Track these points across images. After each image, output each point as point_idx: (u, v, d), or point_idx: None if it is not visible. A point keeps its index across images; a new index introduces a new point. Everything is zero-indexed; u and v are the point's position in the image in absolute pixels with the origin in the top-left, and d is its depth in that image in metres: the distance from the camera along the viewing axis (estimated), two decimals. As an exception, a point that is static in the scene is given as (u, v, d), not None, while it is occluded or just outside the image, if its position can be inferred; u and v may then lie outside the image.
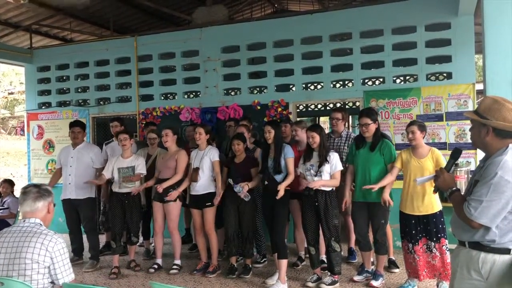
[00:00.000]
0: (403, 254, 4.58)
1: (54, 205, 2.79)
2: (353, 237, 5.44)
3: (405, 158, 4.48)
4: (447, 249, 4.28)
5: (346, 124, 10.69)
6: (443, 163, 4.25)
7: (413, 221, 4.40)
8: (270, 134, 4.80)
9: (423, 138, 4.43)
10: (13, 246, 2.46)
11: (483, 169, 2.27)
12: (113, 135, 6.27)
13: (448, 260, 4.25)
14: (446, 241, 4.30)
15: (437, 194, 4.27)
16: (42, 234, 2.51)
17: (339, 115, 5.37)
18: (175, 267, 5.40)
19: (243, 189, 4.85)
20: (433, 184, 2.55)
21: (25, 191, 2.66)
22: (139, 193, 5.51)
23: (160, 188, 5.18)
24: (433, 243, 4.32)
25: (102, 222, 6.28)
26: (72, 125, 5.79)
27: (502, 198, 2.15)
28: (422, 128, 4.41)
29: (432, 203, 4.31)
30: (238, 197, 4.97)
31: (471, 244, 2.30)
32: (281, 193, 4.60)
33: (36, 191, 2.65)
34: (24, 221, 2.60)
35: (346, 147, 5.29)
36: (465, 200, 2.27)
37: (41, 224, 2.60)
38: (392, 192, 4.61)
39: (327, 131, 5.62)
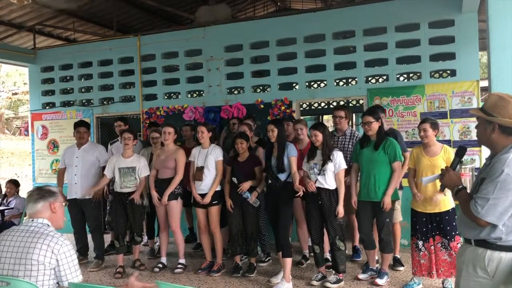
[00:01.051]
0: (411, 252, 4.57)
1: (66, 204, 2.78)
2: (357, 235, 5.43)
3: (416, 156, 4.47)
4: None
5: (350, 122, 10.71)
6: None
7: (423, 219, 4.39)
8: (273, 133, 4.80)
9: (435, 136, 4.41)
10: (20, 246, 2.46)
11: (490, 166, 2.26)
12: (118, 134, 6.28)
13: None
14: (461, 239, 4.27)
15: (449, 192, 4.25)
16: (48, 235, 2.49)
17: (342, 113, 5.35)
18: (179, 266, 5.42)
19: (251, 195, 4.86)
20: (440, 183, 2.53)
21: (29, 194, 2.69)
22: (142, 193, 5.51)
23: (164, 202, 5.26)
24: (447, 241, 4.30)
25: (108, 222, 6.30)
26: (78, 125, 5.80)
27: (509, 195, 2.14)
28: (435, 126, 4.39)
29: (444, 201, 4.28)
30: (241, 196, 4.98)
31: (477, 241, 2.29)
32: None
33: (37, 193, 2.65)
34: (32, 220, 2.59)
35: (350, 146, 5.27)
36: (472, 198, 2.26)
37: (49, 225, 2.59)
38: (404, 190, 4.61)
39: (330, 129, 5.61)
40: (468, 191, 2.41)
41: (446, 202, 4.30)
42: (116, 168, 5.37)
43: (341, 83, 8.25)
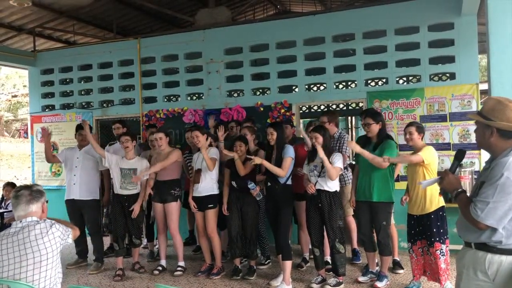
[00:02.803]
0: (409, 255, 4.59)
1: (47, 201, 2.82)
2: (355, 237, 5.46)
3: None
4: (441, 253, 4.23)
5: (349, 124, 10.69)
6: (430, 160, 4.23)
7: (412, 222, 4.45)
8: (272, 136, 4.81)
9: (421, 139, 4.45)
10: (19, 244, 2.48)
11: (489, 170, 2.26)
12: (116, 137, 6.29)
13: (442, 265, 4.22)
14: (442, 245, 4.24)
15: (437, 196, 4.26)
16: (37, 224, 2.56)
17: (324, 119, 5.36)
18: (179, 268, 5.41)
19: (256, 187, 4.85)
20: (439, 187, 2.53)
21: (17, 194, 2.62)
22: (140, 195, 5.52)
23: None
24: (428, 246, 4.32)
25: (106, 225, 6.29)
26: (79, 127, 5.79)
27: (508, 199, 2.14)
28: (420, 130, 4.43)
29: (427, 204, 4.28)
30: (241, 198, 5.00)
31: (477, 245, 2.29)
32: (256, 161, 4.64)
33: (28, 193, 2.62)
34: (20, 221, 2.58)
35: (337, 148, 5.25)
36: (471, 202, 2.26)
37: (38, 221, 2.60)
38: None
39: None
40: (468, 194, 2.42)
41: (429, 204, 4.27)
42: (118, 168, 5.37)
43: (340, 86, 8.24)
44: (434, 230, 4.26)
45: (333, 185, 4.60)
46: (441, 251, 4.24)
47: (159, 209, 5.45)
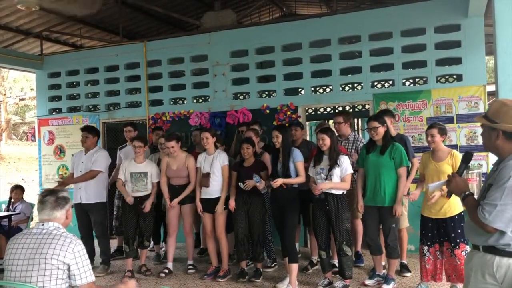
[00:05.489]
0: (419, 257, 4.55)
1: (73, 206, 2.82)
2: (360, 240, 5.43)
3: (424, 161, 4.48)
4: (466, 254, 4.22)
5: (355, 127, 10.65)
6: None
7: (429, 224, 4.38)
8: (277, 138, 4.79)
9: (443, 141, 4.41)
10: (34, 248, 2.50)
11: (497, 172, 2.24)
12: (127, 140, 6.30)
13: None
14: (466, 246, 4.22)
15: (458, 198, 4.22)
16: (62, 236, 2.56)
17: (340, 119, 5.36)
18: (190, 267, 5.49)
19: (261, 180, 4.80)
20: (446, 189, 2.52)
21: (43, 200, 2.67)
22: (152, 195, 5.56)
23: (175, 203, 5.36)
24: (452, 248, 4.28)
25: (116, 227, 6.31)
26: (81, 130, 5.83)
27: None
28: (442, 132, 4.39)
29: (450, 207, 4.25)
30: (248, 201, 4.99)
31: (485, 248, 2.27)
32: (277, 183, 4.60)
33: (53, 200, 2.66)
34: (43, 224, 2.62)
35: (353, 150, 5.26)
36: (479, 204, 2.24)
37: (60, 227, 2.64)
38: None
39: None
40: (476, 196, 2.40)
41: (452, 207, 4.26)
42: (128, 172, 5.41)
43: (347, 88, 8.23)
44: (459, 231, 4.22)
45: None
46: (466, 251, 4.20)
47: (174, 211, 5.46)
